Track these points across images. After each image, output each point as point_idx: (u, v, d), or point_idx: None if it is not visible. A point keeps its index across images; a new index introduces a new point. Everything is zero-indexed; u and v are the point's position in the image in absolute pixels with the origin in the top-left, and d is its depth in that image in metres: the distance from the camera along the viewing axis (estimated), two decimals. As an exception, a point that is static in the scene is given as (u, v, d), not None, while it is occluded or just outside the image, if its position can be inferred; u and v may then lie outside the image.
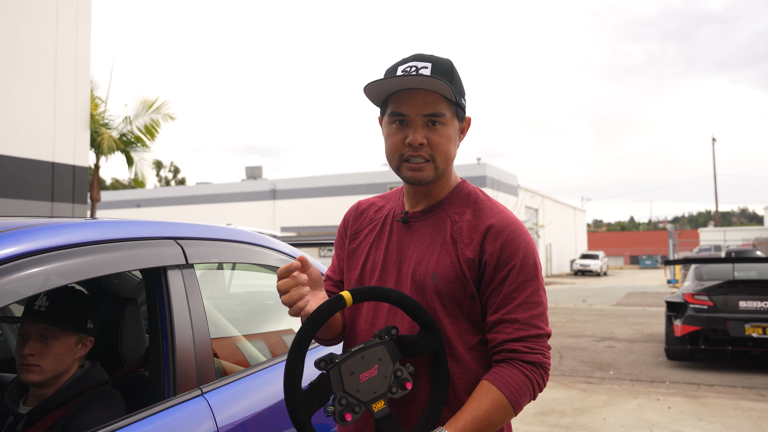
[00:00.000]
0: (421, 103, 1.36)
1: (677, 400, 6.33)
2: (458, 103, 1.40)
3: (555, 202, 44.60)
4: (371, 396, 1.25)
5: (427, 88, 1.35)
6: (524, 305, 1.35)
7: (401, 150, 1.39)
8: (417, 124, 1.37)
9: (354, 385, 1.24)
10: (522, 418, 5.66)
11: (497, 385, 1.30)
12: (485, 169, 30.87)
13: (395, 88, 1.38)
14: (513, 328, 1.33)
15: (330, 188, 32.92)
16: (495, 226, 1.38)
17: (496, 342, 1.35)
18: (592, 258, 40.31)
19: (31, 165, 8.78)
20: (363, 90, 1.39)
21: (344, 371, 1.24)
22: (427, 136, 1.37)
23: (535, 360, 1.33)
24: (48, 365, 1.69)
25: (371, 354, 1.27)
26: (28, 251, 1.43)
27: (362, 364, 1.26)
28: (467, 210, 1.43)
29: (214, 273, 4.22)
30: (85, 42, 9.75)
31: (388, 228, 1.50)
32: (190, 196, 38.17)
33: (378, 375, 1.27)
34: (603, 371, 7.89)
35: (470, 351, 1.38)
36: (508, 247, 1.36)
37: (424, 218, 1.46)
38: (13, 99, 8.37)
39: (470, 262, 1.36)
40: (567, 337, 10.91)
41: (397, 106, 1.38)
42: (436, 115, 1.36)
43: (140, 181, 13.87)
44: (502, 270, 1.35)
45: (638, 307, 16.63)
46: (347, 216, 1.61)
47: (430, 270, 1.38)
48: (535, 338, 1.34)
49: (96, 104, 12.55)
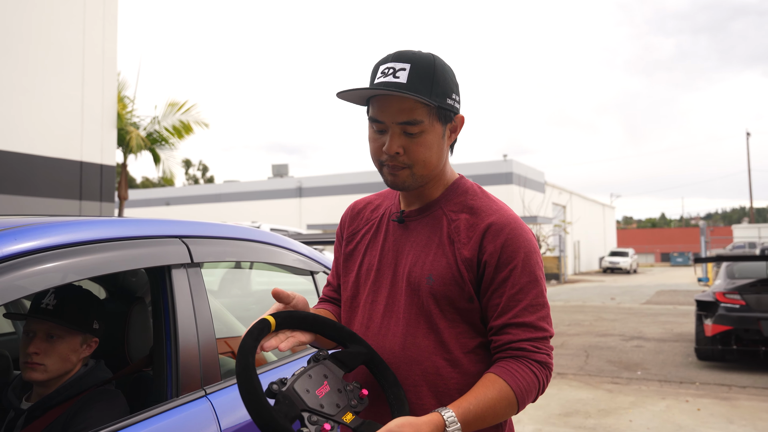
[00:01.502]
0: (396, 110, 1.28)
1: (707, 401, 6.17)
2: (441, 105, 1.31)
3: (583, 199, 44.00)
4: (336, 409, 1.20)
5: (401, 94, 1.26)
6: (530, 308, 1.29)
7: (380, 156, 1.34)
8: (393, 131, 1.30)
9: (315, 401, 1.18)
10: (545, 418, 5.56)
11: (505, 377, 1.25)
12: (511, 165, 30.56)
13: (371, 94, 1.31)
14: (520, 331, 1.28)
15: (355, 186, 32.92)
16: (495, 224, 1.31)
17: (502, 342, 1.30)
18: (621, 255, 39.70)
19: (59, 164, 8.92)
20: (336, 96, 1.33)
21: (299, 390, 1.18)
22: (403, 144, 1.30)
23: (542, 359, 1.28)
24: (52, 364, 1.69)
25: (316, 372, 1.23)
26: (29, 249, 1.42)
27: (313, 382, 1.21)
28: (464, 208, 1.37)
29: (237, 272, 4.23)
30: (112, 42, 9.87)
31: (384, 228, 1.45)
32: (218, 194, 38.56)
33: (332, 389, 1.22)
34: (630, 371, 7.73)
35: (469, 355, 1.32)
36: (509, 246, 1.30)
37: (420, 217, 1.40)
38: (41, 99, 8.51)
39: (468, 262, 1.30)
40: (594, 336, 10.74)
41: (374, 111, 1.32)
42: (411, 123, 1.28)
43: (169, 179, 14.06)
44: (503, 270, 1.29)
45: (668, 306, 16.31)
46: (343, 218, 1.56)
47: (426, 271, 1.32)
48: (542, 340, 1.30)
49: (124, 104, 12.74)
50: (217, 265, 4.15)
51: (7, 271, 1.36)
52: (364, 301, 1.42)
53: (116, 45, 10.04)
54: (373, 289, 1.41)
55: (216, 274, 5.39)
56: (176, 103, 13.09)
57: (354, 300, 1.45)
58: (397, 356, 1.33)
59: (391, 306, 1.37)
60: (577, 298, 19.65)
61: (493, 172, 30.28)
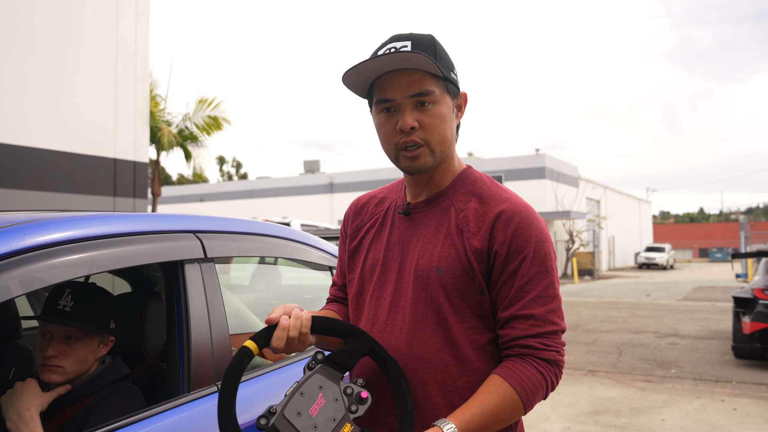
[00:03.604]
0: (405, 84, 1.26)
1: (744, 401, 5.99)
2: (447, 77, 1.29)
3: (618, 194, 43.21)
4: (332, 425, 1.15)
5: (407, 67, 1.25)
6: (539, 299, 1.24)
7: (394, 138, 1.29)
8: (405, 107, 1.27)
9: (308, 424, 1.13)
10: (575, 416, 5.47)
11: (509, 380, 1.21)
12: (544, 160, 30.14)
13: (376, 73, 1.28)
14: (527, 324, 1.24)
15: (386, 181, 32.77)
16: (505, 213, 1.27)
17: (509, 338, 1.25)
18: (657, 251, 38.93)
19: (93, 161, 9.10)
20: (342, 81, 1.30)
21: (290, 416, 1.14)
22: (417, 118, 1.27)
23: (550, 357, 1.23)
24: (71, 366, 1.68)
25: (309, 387, 1.18)
26: (45, 243, 1.43)
27: (305, 400, 1.16)
28: (473, 197, 1.33)
29: (269, 267, 4.24)
30: (144, 41, 10.02)
31: (390, 221, 1.41)
32: (251, 191, 38.97)
33: (327, 402, 1.17)
34: (664, 369, 7.55)
35: (478, 351, 1.28)
36: (520, 235, 1.25)
37: (427, 209, 1.36)
38: (76, 97, 8.69)
39: (478, 253, 1.26)
40: (627, 333, 10.53)
41: (382, 91, 1.29)
42: (423, 94, 1.26)
43: (200, 175, 14.25)
44: (513, 260, 1.25)
45: (706, 303, 15.91)
46: (347, 214, 1.53)
47: (434, 264, 1.28)
48: (551, 335, 1.25)
49: (156, 102, 12.94)
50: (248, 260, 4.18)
51: (26, 263, 1.37)
52: (370, 297, 1.38)
53: (148, 44, 10.18)
54: (379, 284, 1.37)
55: (247, 269, 5.44)
56: (205, 100, 13.24)
57: (360, 297, 1.42)
58: (403, 354, 1.29)
59: (396, 301, 1.33)
60: (611, 294, 19.31)
61: (525, 166, 29.93)
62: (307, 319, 1.23)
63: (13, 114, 7.64)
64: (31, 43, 7.78)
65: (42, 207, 7.99)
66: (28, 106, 7.84)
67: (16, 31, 7.56)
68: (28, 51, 7.73)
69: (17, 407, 1.48)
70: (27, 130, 7.84)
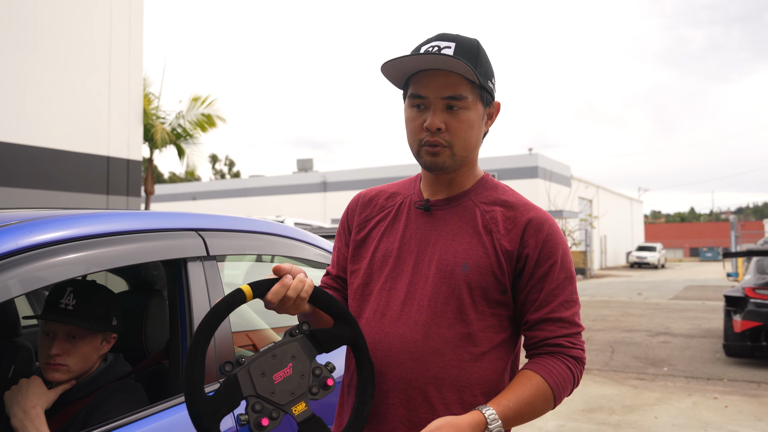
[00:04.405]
0: (440, 84, 1.29)
1: (735, 399, 6.05)
2: (483, 86, 1.32)
3: (610, 193, 43.42)
4: (289, 398, 1.14)
5: (445, 69, 1.27)
6: (566, 303, 1.31)
7: (420, 135, 1.33)
8: (436, 107, 1.30)
9: (267, 387, 1.12)
10: (568, 414, 5.51)
11: (542, 374, 1.26)
12: (537, 159, 30.26)
13: (415, 69, 1.31)
14: (557, 326, 1.30)
15: (380, 180, 32.89)
16: (535, 220, 1.32)
17: (538, 339, 1.31)
18: (648, 250, 39.16)
19: (87, 159, 9.06)
20: (380, 69, 1.33)
21: (254, 373, 1.12)
22: (445, 120, 1.30)
23: (577, 355, 1.30)
24: (75, 364, 1.69)
25: (283, 352, 1.16)
26: (47, 241, 1.44)
27: (274, 364, 1.14)
28: (497, 201, 1.37)
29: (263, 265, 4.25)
30: (138, 38, 9.98)
31: (405, 215, 1.42)
32: (243, 189, 38.89)
33: (294, 374, 1.16)
34: (656, 367, 7.61)
35: (493, 350, 1.31)
36: (549, 242, 1.31)
37: (449, 207, 1.39)
38: (70, 95, 8.65)
39: (508, 254, 1.30)
40: (620, 332, 10.60)
41: (416, 87, 1.32)
42: (455, 98, 1.29)
43: (194, 173, 14.21)
44: (543, 265, 1.30)
45: (697, 301, 16.03)
46: (351, 206, 1.54)
47: (460, 259, 1.31)
48: (576, 335, 1.32)
49: (149, 100, 12.89)
50: (242, 258, 4.18)
51: (28, 262, 1.37)
52: (380, 288, 1.38)
53: (142, 42, 10.15)
54: (392, 276, 1.37)
55: (241, 267, 5.43)
56: (199, 98, 13.20)
57: (366, 287, 1.41)
58: (419, 346, 1.29)
59: (412, 293, 1.33)
60: (603, 293, 19.41)
61: (518, 166, 30.03)
62: (309, 286, 1.24)
63: (6, 112, 7.60)
64: (24, 41, 7.74)
65: (35, 205, 7.96)
66: (21, 103, 7.80)
67: (8, 29, 7.53)
68: (21, 48, 7.70)
69: (23, 405, 1.49)
70: (20, 127, 7.80)
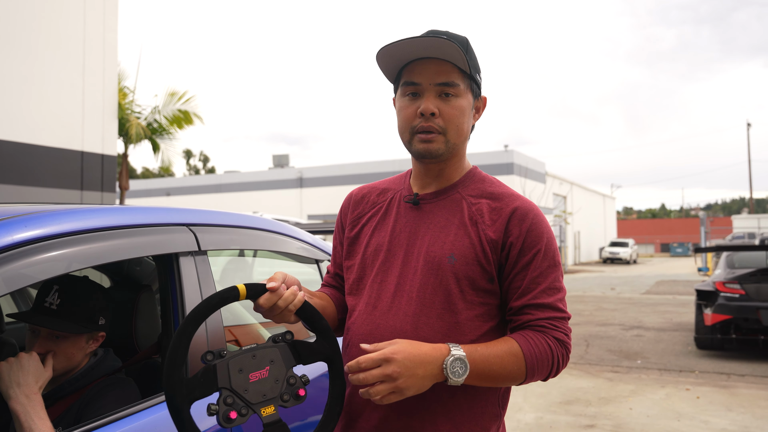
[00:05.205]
0: (434, 72, 1.34)
1: (706, 390, 6.21)
2: (473, 77, 1.37)
3: (584, 189, 43.97)
4: (260, 399, 1.17)
5: (440, 55, 1.32)
6: (549, 290, 1.34)
7: (413, 122, 1.37)
8: (429, 93, 1.35)
9: (242, 384, 1.16)
10: (546, 406, 5.61)
11: (517, 339, 1.29)
12: (512, 156, 30.52)
13: (409, 57, 1.36)
14: (539, 311, 1.32)
15: (356, 176, 32.87)
16: (520, 209, 1.36)
17: (521, 322, 1.33)
18: (621, 246, 39.73)
19: (60, 154, 8.92)
20: (376, 57, 1.37)
21: (232, 367, 1.15)
22: (439, 106, 1.34)
23: (559, 337, 1.32)
24: (57, 363, 1.67)
25: (263, 354, 1.20)
26: (34, 237, 1.41)
27: (253, 363, 1.18)
28: (484, 194, 1.41)
29: (240, 260, 4.24)
30: (113, 32, 9.84)
31: (395, 210, 1.46)
32: (218, 185, 38.53)
33: (269, 377, 1.19)
34: (630, 360, 7.77)
35: (482, 339, 1.34)
36: (533, 231, 1.34)
37: (437, 200, 1.42)
38: (43, 89, 8.50)
39: (493, 243, 1.33)
40: (594, 326, 10.78)
41: (410, 75, 1.36)
42: (448, 85, 1.34)
43: (168, 169, 14.04)
44: (527, 254, 1.33)
45: (668, 296, 16.35)
46: (345, 204, 1.58)
47: (446, 251, 1.34)
48: (560, 319, 1.34)
49: (124, 93, 12.72)
50: (219, 253, 4.17)
51: (13, 259, 1.34)
52: (372, 281, 1.41)
53: (117, 35, 10.01)
54: (383, 269, 1.41)
55: (218, 263, 5.41)
56: (176, 93, 13.07)
57: (360, 282, 1.45)
58: (409, 336, 1.32)
59: (402, 285, 1.37)
60: (578, 288, 19.69)
61: (494, 162, 30.23)
62: (299, 300, 1.28)
63: (-22, 105, 7.44)
64: (-4, 33, 7.59)
65: (5, 200, 7.80)
66: (-7, 97, 7.65)
67: (-20, 20, 7.37)
68: (-7, 41, 7.54)
69: (25, 389, 1.46)
70: (-8, 121, 7.64)
